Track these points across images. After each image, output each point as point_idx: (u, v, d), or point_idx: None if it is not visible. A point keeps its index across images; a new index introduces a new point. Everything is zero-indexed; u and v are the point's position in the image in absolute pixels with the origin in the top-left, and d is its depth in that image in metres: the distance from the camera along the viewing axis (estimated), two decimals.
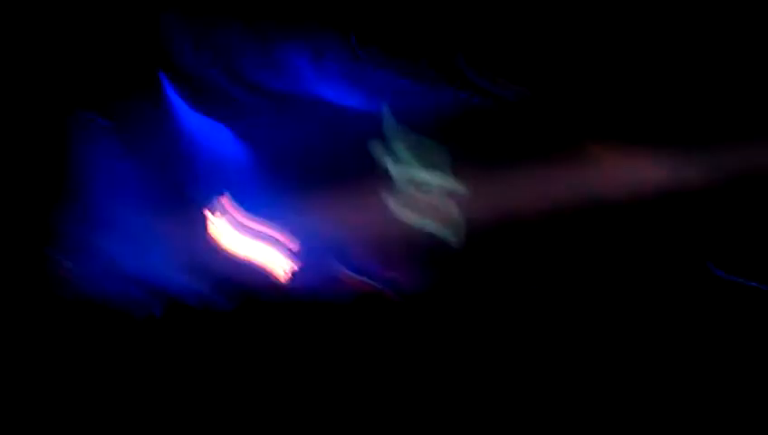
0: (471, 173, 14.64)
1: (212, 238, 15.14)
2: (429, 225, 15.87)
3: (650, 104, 13.52)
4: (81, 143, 15.87)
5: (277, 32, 13.79)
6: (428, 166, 15.77)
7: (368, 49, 14.03)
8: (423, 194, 15.96)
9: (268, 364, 3.83)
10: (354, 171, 15.89)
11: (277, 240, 15.28)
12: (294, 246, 14.76)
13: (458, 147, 15.24)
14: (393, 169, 15.59)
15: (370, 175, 15.34)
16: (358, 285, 5.24)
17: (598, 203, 13.78)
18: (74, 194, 15.18)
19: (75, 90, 15.04)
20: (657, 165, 13.95)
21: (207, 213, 15.43)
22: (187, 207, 15.93)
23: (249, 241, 15.12)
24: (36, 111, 15.04)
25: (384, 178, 15.38)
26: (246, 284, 12.22)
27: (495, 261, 14.06)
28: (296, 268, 12.73)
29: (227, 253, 14.93)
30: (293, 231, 15.14)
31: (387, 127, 15.05)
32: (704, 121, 13.29)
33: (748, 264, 11.23)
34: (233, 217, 15.11)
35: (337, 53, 14.37)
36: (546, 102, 14.90)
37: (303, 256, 12.79)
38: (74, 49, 13.53)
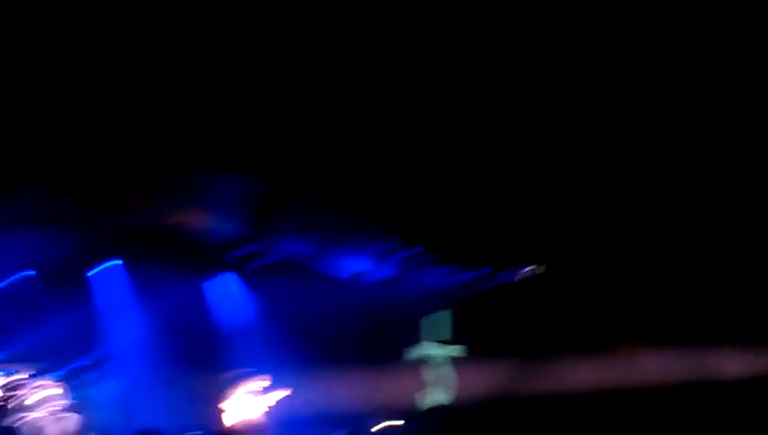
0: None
1: (228, 408, 15.50)
2: (436, 395, 17.07)
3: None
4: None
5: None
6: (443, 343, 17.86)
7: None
8: (433, 368, 17.41)
9: None
10: (372, 346, 17.27)
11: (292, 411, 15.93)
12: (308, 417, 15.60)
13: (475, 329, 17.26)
14: (414, 350, 17.81)
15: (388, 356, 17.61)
16: None
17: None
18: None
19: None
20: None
21: (227, 383, 15.95)
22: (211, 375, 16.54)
23: (264, 411, 15.45)
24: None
25: (401, 358, 17.76)
26: None
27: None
28: None
29: (232, 419, 15.30)
30: (309, 404, 15.66)
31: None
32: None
33: None
34: (252, 388, 15.45)
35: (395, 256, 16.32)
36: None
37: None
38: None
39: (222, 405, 15.75)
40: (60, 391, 15.80)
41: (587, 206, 15.38)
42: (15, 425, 14.32)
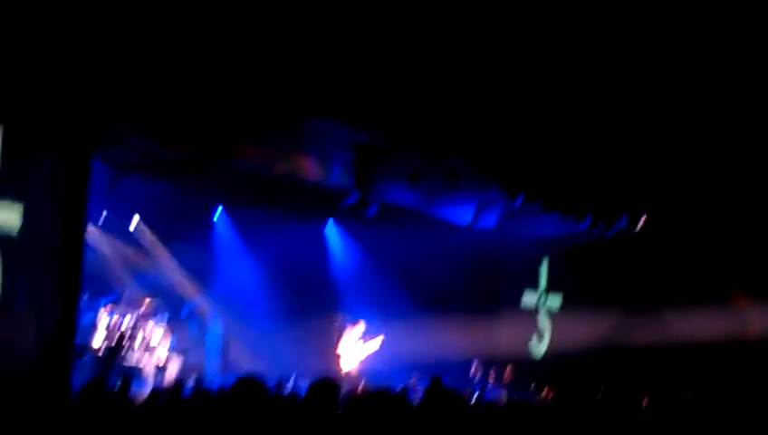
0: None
1: (336, 349, 15.63)
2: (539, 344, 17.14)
3: None
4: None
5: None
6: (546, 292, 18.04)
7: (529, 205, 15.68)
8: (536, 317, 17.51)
9: None
10: (476, 295, 17.38)
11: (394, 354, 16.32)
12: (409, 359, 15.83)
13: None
14: (527, 296, 17.89)
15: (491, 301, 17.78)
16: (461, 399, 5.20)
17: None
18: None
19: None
20: None
21: (337, 325, 16.11)
22: (319, 317, 16.91)
23: (368, 354, 15.59)
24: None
25: (505, 306, 17.85)
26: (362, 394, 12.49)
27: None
28: (413, 381, 13.10)
29: (348, 363, 15.43)
30: (411, 347, 15.83)
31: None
32: None
33: None
34: (358, 334, 15.58)
35: (499, 204, 16.29)
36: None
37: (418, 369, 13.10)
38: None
39: (334, 350, 15.93)
40: (166, 333, 16.01)
41: (695, 154, 15.25)
42: (123, 366, 14.48)
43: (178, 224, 16.43)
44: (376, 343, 16.06)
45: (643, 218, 16.45)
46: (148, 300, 16.02)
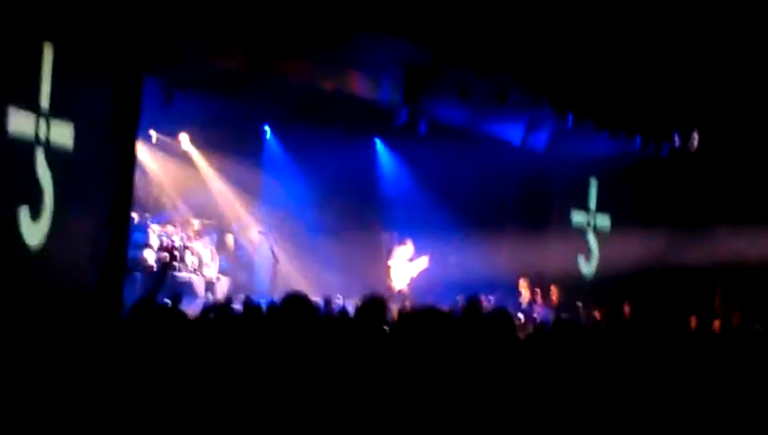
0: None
1: (385, 268, 15.62)
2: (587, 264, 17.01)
3: None
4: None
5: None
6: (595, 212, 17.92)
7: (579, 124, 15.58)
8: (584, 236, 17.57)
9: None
10: (524, 214, 17.72)
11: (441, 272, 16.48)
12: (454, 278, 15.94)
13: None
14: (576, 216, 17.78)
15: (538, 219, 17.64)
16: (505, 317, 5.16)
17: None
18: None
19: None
20: None
21: (385, 244, 16.12)
22: (367, 236, 17.25)
23: (416, 273, 15.55)
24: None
25: (552, 226, 17.73)
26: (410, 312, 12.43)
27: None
28: (459, 300, 13.14)
29: (396, 282, 15.43)
30: (458, 266, 16.13)
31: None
32: None
33: None
34: (407, 253, 15.56)
35: (549, 123, 16.13)
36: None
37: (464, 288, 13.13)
38: None
39: (382, 269, 16.02)
40: (215, 254, 16.19)
41: (750, 70, 14.97)
42: (174, 283, 14.67)
43: (228, 142, 16.46)
44: (423, 263, 16.09)
45: (695, 137, 16.24)
46: (197, 221, 16.19)
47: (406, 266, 15.85)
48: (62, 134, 10.73)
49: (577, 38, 14.34)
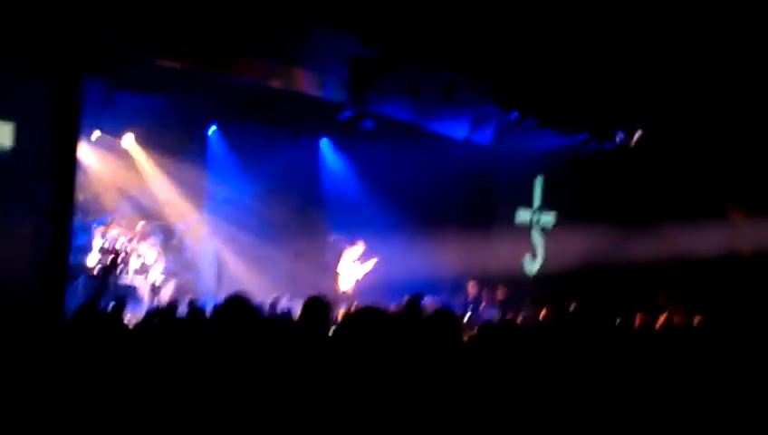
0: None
1: (334, 269, 15.58)
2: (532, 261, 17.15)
3: None
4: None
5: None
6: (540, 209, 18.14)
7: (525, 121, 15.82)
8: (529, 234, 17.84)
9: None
10: (469, 213, 17.74)
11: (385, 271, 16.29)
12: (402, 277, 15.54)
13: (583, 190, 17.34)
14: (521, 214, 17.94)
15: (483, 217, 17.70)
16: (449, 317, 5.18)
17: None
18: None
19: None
20: None
21: (332, 244, 16.06)
22: (313, 236, 17.21)
23: (362, 274, 15.53)
24: None
25: (498, 223, 17.79)
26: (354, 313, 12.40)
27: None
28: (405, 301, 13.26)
29: (344, 284, 15.39)
30: (404, 266, 16.00)
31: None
32: None
33: None
34: (353, 254, 15.52)
35: (494, 120, 16.27)
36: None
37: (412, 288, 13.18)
38: None
39: (331, 270, 15.96)
40: (160, 255, 16.02)
41: (691, 67, 15.14)
42: (117, 287, 14.50)
43: (172, 142, 16.27)
44: (370, 264, 16.09)
45: (638, 133, 16.39)
46: (141, 223, 16.00)
47: (353, 268, 15.81)
48: (1, 134, 10.57)
49: (523, 35, 14.40)
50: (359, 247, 15.94)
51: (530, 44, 14.52)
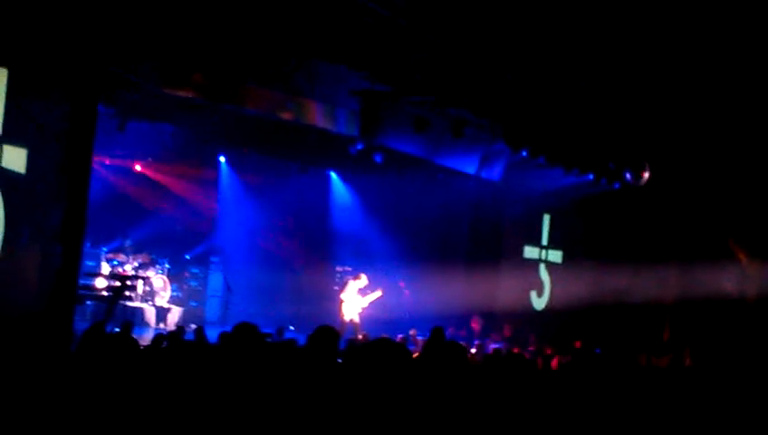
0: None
1: (338, 299, 15.62)
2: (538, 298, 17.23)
3: None
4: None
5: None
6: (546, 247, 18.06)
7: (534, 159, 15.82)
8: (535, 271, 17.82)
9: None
10: (477, 248, 17.73)
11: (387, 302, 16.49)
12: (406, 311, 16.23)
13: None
14: (529, 251, 17.95)
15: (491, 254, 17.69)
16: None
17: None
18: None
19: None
20: None
21: (338, 276, 16.09)
22: (320, 268, 17.36)
23: (368, 303, 15.57)
24: None
25: (504, 259, 17.78)
26: (362, 342, 12.50)
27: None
28: (412, 333, 13.22)
29: (349, 314, 15.44)
30: (411, 299, 16.43)
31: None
32: None
33: None
34: (360, 284, 15.56)
35: (503, 157, 16.49)
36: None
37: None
38: None
39: (335, 300, 15.94)
40: (167, 283, 16.07)
41: (700, 108, 15.19)
42: (124, 312, 14.55)
43: (183, 171, 16.41)
44: (375, 295, 16.09)
45: (646, 173, 16.44)
46: (146, 253, 16.11)
47: (358, 299, 15.80)
48: (15, 159, 10.63)
49: (532, 75, 14.48)
50: (362, 280, 15.94)
51: (539, 83, 14.61)
